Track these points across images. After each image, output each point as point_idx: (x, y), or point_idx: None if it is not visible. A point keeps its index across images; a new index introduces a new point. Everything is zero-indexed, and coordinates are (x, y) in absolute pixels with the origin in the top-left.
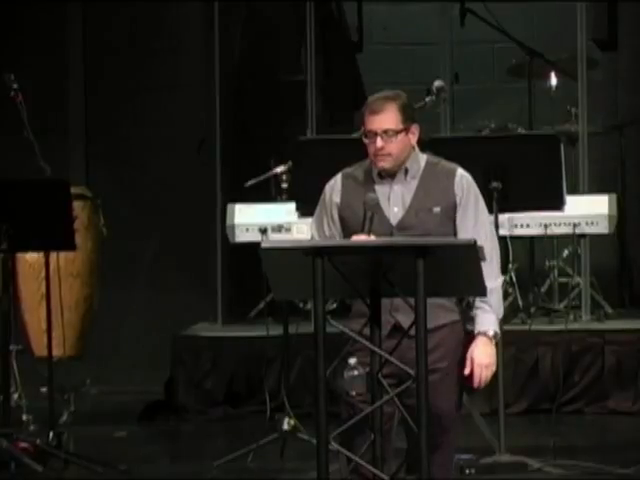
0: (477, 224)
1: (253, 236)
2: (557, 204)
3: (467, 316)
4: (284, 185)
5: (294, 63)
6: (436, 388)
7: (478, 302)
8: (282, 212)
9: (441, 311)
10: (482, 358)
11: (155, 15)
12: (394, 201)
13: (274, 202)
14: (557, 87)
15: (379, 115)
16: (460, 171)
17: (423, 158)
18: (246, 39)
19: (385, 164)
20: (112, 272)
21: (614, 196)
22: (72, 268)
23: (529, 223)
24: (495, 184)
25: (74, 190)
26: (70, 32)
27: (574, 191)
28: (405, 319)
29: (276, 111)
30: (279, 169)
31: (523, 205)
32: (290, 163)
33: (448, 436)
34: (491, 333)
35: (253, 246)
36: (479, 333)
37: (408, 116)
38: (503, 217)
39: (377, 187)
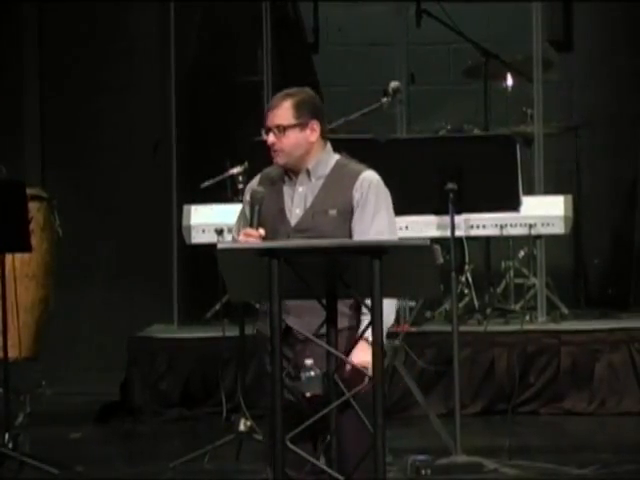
0: (373, 224)
1: (209, 237)
2: (513, 205)
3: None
4: (240, 186)
5: (250, 64)
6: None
7: (364, 308)
8: (238, 213)
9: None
10: (357, 357)
11: (111, 16)
12: (297, 202)
13: (230, 203)
14: (512, 88)
15: (273, 111)
16: (365, 174)
17: (334, 159)
18: (202, 40)
19: (278, 160)
20: (68, 273)
21: (570, 197)
22: (27, 269)
23: (485, 224)
24: (451, 185)
25: (30, 191)
26: (26, 32)
27: (530, 192)
28: (294, 322)
29: (232, 112)
30: (235, 170)
31: (479, 206)
32: (246, 164)
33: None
34: (371, 339)
35: (209, 247)
36: (361, 337)
37: (305, 112)
38: (459, 218)
39: (285, 187)
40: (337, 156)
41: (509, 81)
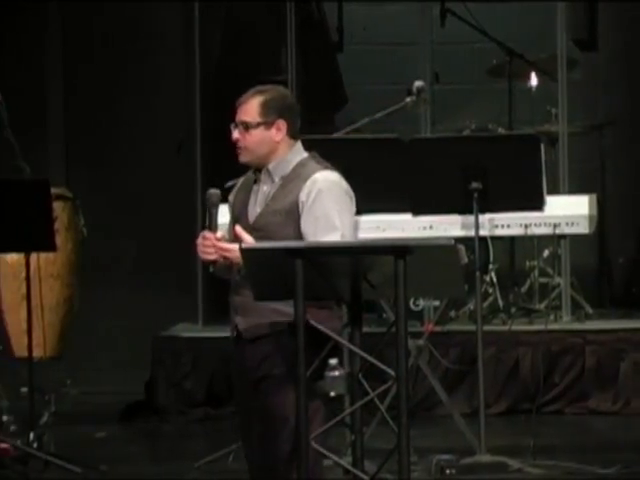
0: (319, 225)
1: None
2: (537, 204)
3: (319, 320)
4: None
5: (274, 63)
6: (272, 394)
7: None
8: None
9: (276, 316)
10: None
11: (135, 16)
12: (259, 201)
13: None
14: (537, 87)
15: (241, 106)
16: (316, 175)
17: (296, 159)
18: (226, 39)
19: (241, 157)
20: (92, 273)
21: (594, 196)
22: (52, 269)
23: (509, 223)
24: (475, 184)
25: (54, 191)
26: (49, 32)
27: (554, 191)
28: (241, 322)
29: None
30: None
31: (503, 205)
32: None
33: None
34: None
35: None
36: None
37: (271, 111)
38: (483, 218)
39: (254, 187)
40: (304, 156)
41: (533, 80)
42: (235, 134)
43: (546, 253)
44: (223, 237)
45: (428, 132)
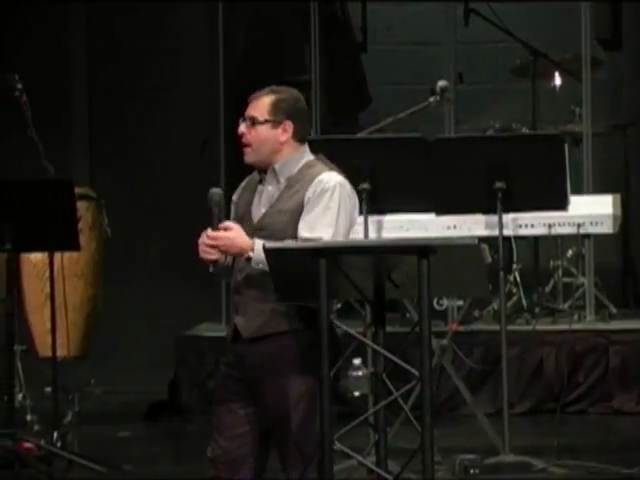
0: (313, 217)
1: None
2: (561, 204)
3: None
4: None
5: (298, 63)
6: (274, 395)
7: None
8: None
9: (276, 317)
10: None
11: (159, 15)
12: (264, 201)
13: None
14: (561, 87)
15: (252, 102)
16: (322, 176)
17: (303, 161)
18: (250, 39)
19: (246, 157)
20: (116, 272)
21: (618, 196)
22: (76, 268)
23: (533, 223)
24: (499, 184)
25: (78, 190)
26: (73, 32)
27: (578, 191)
28: (241, 321)
29: None
30: None
31: (527, 205)
32: None
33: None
34: (251, 254)
35: None
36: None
37: (281, 111)
38: (507, 217)
39: (259, 187)
40: (310, 158)
41: (557, 80)
42: (242, 128)
43: (570, 253)
44: None
45: (452, 132)
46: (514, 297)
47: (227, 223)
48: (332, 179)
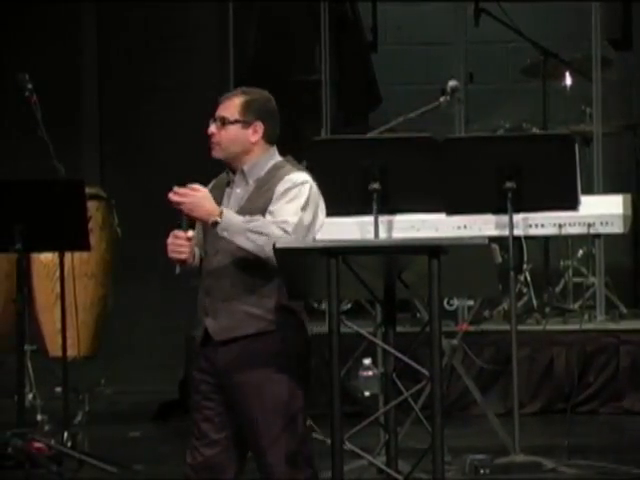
0: (284, 202)
1: None
2: (572, 204)
3: (289, 324)
4: None
5: (308, 63)
6: (250, 398)
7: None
8: None
9: (248, 319)
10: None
11: (169, 15)
12: (232, 204)
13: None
14: (571, 87)
15: (223, 102)
16: (291, 175)
17: (271, 162)
18: (260, 39)
19: (214, 153)
20: (126, 272)
21: (628, 196)
22: (86, 268)
23: (543, 223)
24: (509, 184)
25: (88, 190)
26: (84, 32)
27: (588, 191)
28: (212, 324)
29: (290, 111)
30: None
31: (537, 205)
32: (304, 163)
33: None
34: (219, 219)
35: None
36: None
37: (251, 111)
38: (517, 217)
39: (227, 190)
40: (278, 159)
41: (568, 80)
42: (211, 128)
43: (580, 253)
44: (194, 237)
45: (462, 132)
46: (524, 297)
47: (194, 185)
48: (301, 177)
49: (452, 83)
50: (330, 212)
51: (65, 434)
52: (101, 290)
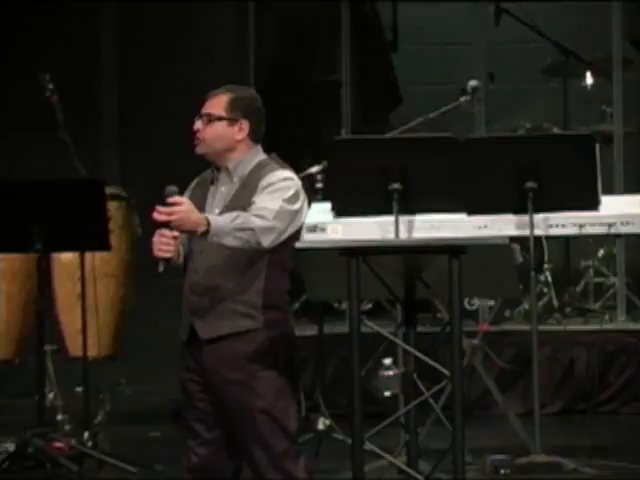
0: (269, 193)
1: None
2: (592, 204)
3: (275, 322)
4: (319, 185)
5: (328, 63)
6: (239, 396)
7: (254, 211)
8: (317, 212)
9: (235, 317)
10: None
11: (189, 15)
12: (217, 202)
13: (309, 202)
14: (592, 87)
15: (209, 99)
16: (276, 172)
17: (255, 160)
18: (280, 39)
19: (198, 149)
20: (147, 272)
21: None
22: (107, 268)
23: (564, 223)
24: (530, 184)
25: (109, 190)
26: (104, 32)
27: (609, 191)
28: (199, 322)
29: (310, 111)
30: (314, 169)
31: (558, 205)
32: (325, 163)
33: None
34: (208, 227)
35: None
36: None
37: (237, 109)
38: (538, 217)
39: (212, 188)
40: (263, 157)
41: (588, 80)
42: (197, 125)
43: (601, 253)
44: (179, 236)
45: (483, 132)
46: (545, 297)
47: (177, 198)
48: (285, 174)
49: (473, 83)
50: (350, 212)
51: (85, 434)
52: (122, 290)
